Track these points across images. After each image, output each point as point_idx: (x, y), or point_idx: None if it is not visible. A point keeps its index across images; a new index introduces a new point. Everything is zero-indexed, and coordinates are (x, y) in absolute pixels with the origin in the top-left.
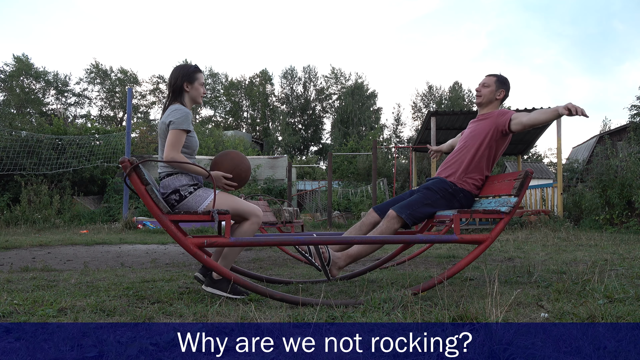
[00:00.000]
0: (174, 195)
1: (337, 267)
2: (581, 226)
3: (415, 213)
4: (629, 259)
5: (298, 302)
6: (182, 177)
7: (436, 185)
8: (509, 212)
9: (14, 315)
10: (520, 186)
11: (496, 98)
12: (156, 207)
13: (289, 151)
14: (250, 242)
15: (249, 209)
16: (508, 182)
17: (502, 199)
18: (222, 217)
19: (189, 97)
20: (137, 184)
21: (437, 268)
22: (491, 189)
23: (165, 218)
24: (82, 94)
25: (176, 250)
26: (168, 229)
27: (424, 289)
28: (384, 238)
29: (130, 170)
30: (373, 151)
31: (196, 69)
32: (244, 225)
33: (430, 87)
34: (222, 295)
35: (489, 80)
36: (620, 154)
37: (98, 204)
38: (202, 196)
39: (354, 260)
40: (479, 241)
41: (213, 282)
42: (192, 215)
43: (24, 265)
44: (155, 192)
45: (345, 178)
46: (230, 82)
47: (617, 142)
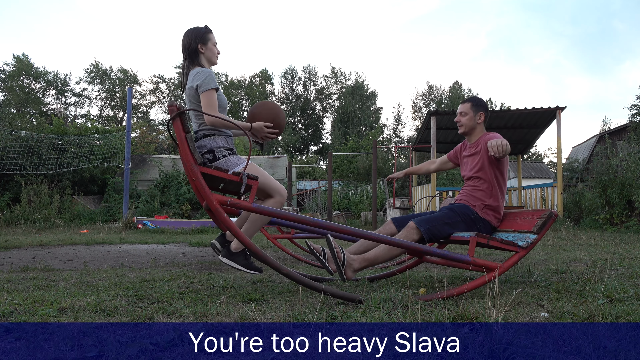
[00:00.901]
0: (209, 155)
1: (352, 269)
2: (581, 226)
3: (433, 229)
4: (629, 258)
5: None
6: (218, 138)
7: (459, 209)
8: (526, 247)
9: (14, 315)
10: (542, 225)
11: (477, 122)
12: (191, 155)
13: (289, 151)
14: (271, 212)
15: (276, 187)
16: (530, 219)
17: (521, 234)
18: (251, 181)
19: (204, 58)
20: (179, 129)
21: (437, 268)
22: (511, 224)
23: (197, 168)
24: (82, 93)
25: (176, 250)
26: (197, 180)
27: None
28: (399, 242)
29: (176, 115)
30: (373, 151)
31: (207, 30)
32: (268, 202)
33: (430, 87)
34: (238, 268)
35: (464, 108)
36: (620, 153)
37: (98, 203)
38: (234, 161)
39: (370, 264)
40: (490, 268)
41: (230, 253)
42: (222, 173)
43: (24, 265)
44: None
45: (345, 178)
46: (230, 82)
47: (617, 141)
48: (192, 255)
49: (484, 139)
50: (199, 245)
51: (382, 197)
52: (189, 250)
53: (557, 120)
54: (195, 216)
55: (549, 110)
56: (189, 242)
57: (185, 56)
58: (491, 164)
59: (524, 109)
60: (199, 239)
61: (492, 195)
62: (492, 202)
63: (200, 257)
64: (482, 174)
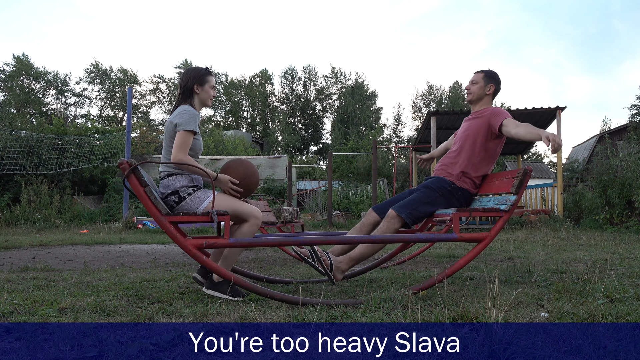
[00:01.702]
0: (173, 197)
1: (340, 271)
2: (581, 226)
3: (414, 212)
4: (629, 258)
5: (298, 302)
6: (182, 178)
7: (435, 184)
8: (508, 210)
9: (14, 315)
10: (519, 184)
11: (486, 93)
12: (155, 208)
13: (289, 151)
14: (249, 242)
15: (248, 210)
16: (507, 180)
17: (501, 197)
18: (222, 217)
19: (198, 99)
20: (136, 185)
21: (437, 267)
22: (490, 188)
23: (165, 219)
24: (82, 93)
25: (176, 250)
26: (167, 231)
27: (424, 288)
28: (384, 237)
29: (129, 172)
30: (373, 151)
31: (207, 72)
32: (244, 226)
33: (430, 87)
34: (223, 297)
35: (476, 77)
36: (621, 153)
37: (98, 203)
38: (201, 197)
39: (357, 262)
40: (479, 239)
41: (213, 284)
42: (191, 217)
43: (24, 265)
44: (155, 194)
45: (345, 178)
46: (230, 82)
47: (617, 141)
48: None
49: (489, 109)
50: None
51: (382, 197)
52: None
53: (557, 120)
54: None
55: (549, 110)
56: None
57: (180, 93)
58: (487, 136)
59: (524, 109)
60: None
61: (472, 163)
62: (471, 171)
63: None
64: (471, 140)
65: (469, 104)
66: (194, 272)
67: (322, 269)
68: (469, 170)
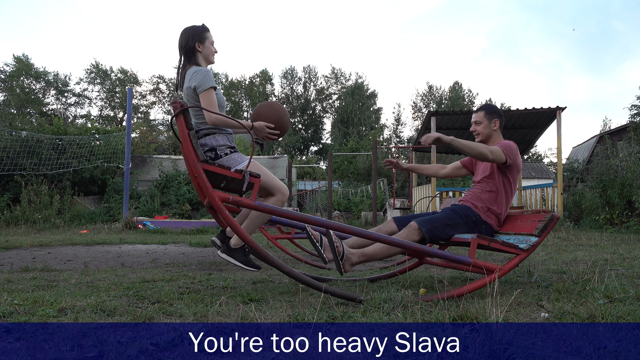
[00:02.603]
0: (210, 153)
1: (350, 262)
2: (581, 226)
3: (435, 230)
4: (629, 258)
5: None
6: (220, 137)
7: (462, 211)
8: (527, 250)
9: (14, 315)
10: (543, 227)
11: (493, 130)
12: (194, 152)
13: (289, 151)
14: (272, 210)
15: (277, 185)
16: (531, 222)
17: (522, 237)
18: (253, 179)
19: (202, 56)
20: (183, 126)
21: (437, 269)
22: (513, 227)
23: (200, 165)
24: (82, 94)
25: (176, 250)
26: (199, 177)
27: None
28: (401, 242)
29: (179, 112)
30: (373, 151)
31: (205, 28)
32: (269, 200)
33: (430, 87)
34: (236, 264)
35: (478, 117)
36: (621, 153)
37: (98, 204)
38: (236, 160)
39: (368, 260)
40: (491, 270)
41: (229, 249)
42: (224, 170)
43: (24, 266)
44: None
45: (346, 178)
46: (230, 82)
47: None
48: (192, 255)
49: (500, 144)
50: (199, 246)
51: (382, 198)
52: (189, 251)
53: (557, 121)
54: (195, 216)
55: (549, 111)
56: (189, 242)
57: (182, 55)
58: (501, 171)
59: (524, 109)
60: (199, 239)
61: (497, 201)
62: (496, 208)
63: (201, 257)
64: (491, 179)
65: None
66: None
67: (334, 255)
68: (494, 207)
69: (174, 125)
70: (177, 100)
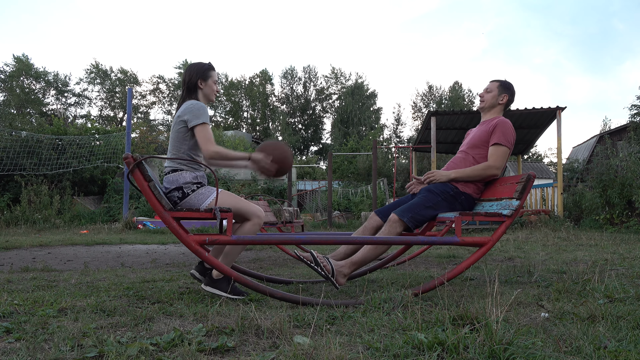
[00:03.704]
0: (177, 192)
1: (342, 275)
2: (581, 226)
3: (417, 216)
4: (629, 258)
5: (298, 302)
6: (186, 174)
7: (437, 188)
8: (511, 215)
9: (14, 316)
10: (522, 189)
11: (499, 103)
12: (159, 203)
13: None
14: (251, 240)
15: (251, 209)
16: (510, 185)
17: (503, 202)
18: (225, 214)
19: (202, 94)
20: (140, 180)
21: (437, 268)
22: (493, 192)
23: (168, 215)
24: (82, 94)
25: (176, 250)
26: (170, 226)
27: (424, 290)
28: (386, 239)
29: (134, 167)
30: (373, 151)
31: (210, 67)
32: (246, 225)
33: (430, 87)
34: (222, 295)
35: (491, 86)
36: (621, 153)
37: (98, 204)
38: (204, 194)
39: (359, 266)
40: (480, 244)
41: (213, 281)
42: (194, 213)
43: (24, 266)
44: (158, 189)
45: (346, 178)
46: (230, 82)
47: (617, 141)
48: (193, 255)
49: (498, 120)
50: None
51: (382, 197)
52: (189, 251)
53: (557, 121)
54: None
55: (549, 111)
56: None
57: (184, 89)
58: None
59: (524, 109)
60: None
61: None
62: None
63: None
64: (475, 150)
65: (480, 111)
66: (192, 269)
67: (324, 274)
68: None
69: (131, 181)
70: (128, 155)
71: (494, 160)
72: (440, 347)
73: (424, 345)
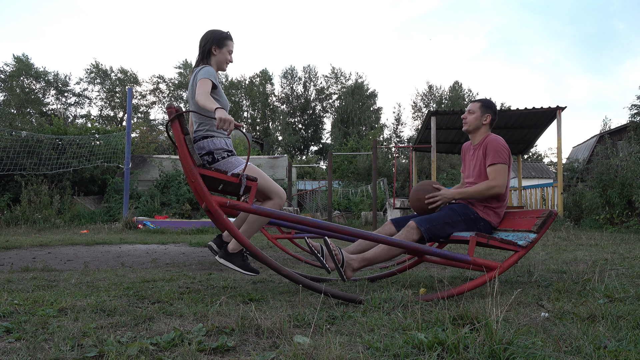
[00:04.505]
0: (207, 157)
1: (351, 268)
2: (581, 226)
3: (434, 229)
4: (629, 258)
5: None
6: (217, 140)
7: (460, 209)
8: (526, 246)
9: (14, 315)
10: (541, 224)
11: (482, 123)
12: (190, 157)
13: (289, 151)
14: (270, 213)
15: (275, 189)
16: (530, 219)
17: (521, 234)
18: (250, 182)
19: (215, 60)
20: (178, 131)
21: (437, 268)
22: (511, 224)
23: (196, 170)
24: (82, 94)
25: (176, 250)
26: (196, 182)
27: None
28: (400, 242)
29: (174, 117)
30: (373, 151)
31: (227, 36)
32: (267, 204)
33: (430, 87)
34: (235, 269)
35: (473, 107)
36: (621, 153)
37: (98, 204)
38: (233, 163)
39: (369, 264)
40: (491, 268)
41: (227, 254)
42: (221, 175)
43: (24, 265)
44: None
45: (346, 178)
46: (230, 82)
47: (617, 141)
48: (192, 255)
49: (487, 140)
50: (199, 246)
51: (382, 197)
52: (189, 251)
53: (557, 120)
54: (195, 216)
55: (549, 110)
56: (189, 242)
57: (199, 54)
58: None
59: (524, 109)
60: (199, 239)
61: (494, 198)
62: (493, 204)
63: (201, 257)
64: (484, 176)
65: (467, 133)
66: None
67: (333, 263)
68: (492, 204)
69: (169, 131)
70: (172, 105)
71: (494, 179)
72: (440, 346)
73: (424, 345)
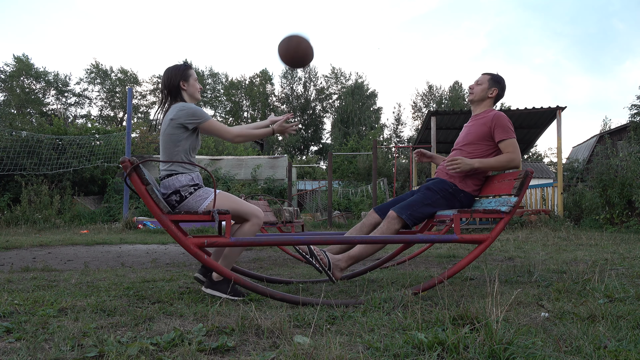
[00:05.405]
0: (175, 196)
1: (339, 269)
2: (581, 226)
3: (415, 213)
4: (629, 258)
5: (298, 302)
6: (182, 177)
7: (436, 186)
8: (509, 211)
9: (15, 315)
10: (520, 186)
11: (488, 96)
12: (157, 207)
13: (289, 151)
14: (250, 242)
15: (249, 210)
16: (508, 181)
17: (502, 199)
18: (223, 217)
19: (187, 94)
20: (138, 184)
21: (437, 267)
22: (491, 189)
23: (166, 218)
24: (82, 94)
25: (176, 250)
26: (168, 229)
27: (424, 288)
28: (384, 238)
29: (131, 170)
30: (373, 151)
31: (187, 67)
32: (245, 226)
33: (430, 87)
34: (222, 296)
35: (482, 78)
36: (621, 153)
37: (98, 204)
38: (202, 196)
39: (356, 261)
40: (479, 241)
41: (213, 283)
42: (192, 215)
43: (24, 265)
44: (156, 192)
45: (346, 178)
46: (230, 82)
47: (617, 141)
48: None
49: (492, 115)
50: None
51: (382, 197)
52: None
53: (557, 120)
54: None
55: (549, 110)
56: None
57: (166, 93)
58: (486, 140)
59: (524, 109)
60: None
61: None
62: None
63: None
64: (473, 146)
65: (470, 104)
66: (196, 272)
67: (320, 267)
68: (470, 175)
69: (129, 184)
70: (125, 159)
71: (512, 152)
72: (440, 346)
73: (424, 345)
